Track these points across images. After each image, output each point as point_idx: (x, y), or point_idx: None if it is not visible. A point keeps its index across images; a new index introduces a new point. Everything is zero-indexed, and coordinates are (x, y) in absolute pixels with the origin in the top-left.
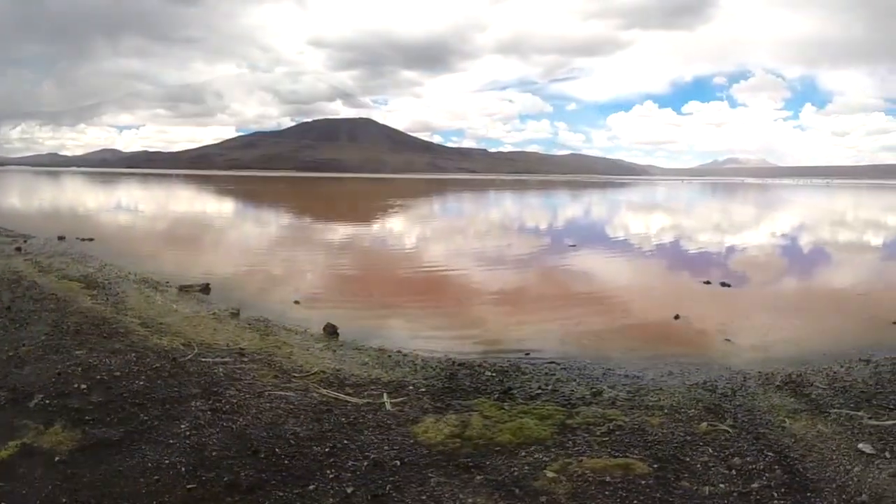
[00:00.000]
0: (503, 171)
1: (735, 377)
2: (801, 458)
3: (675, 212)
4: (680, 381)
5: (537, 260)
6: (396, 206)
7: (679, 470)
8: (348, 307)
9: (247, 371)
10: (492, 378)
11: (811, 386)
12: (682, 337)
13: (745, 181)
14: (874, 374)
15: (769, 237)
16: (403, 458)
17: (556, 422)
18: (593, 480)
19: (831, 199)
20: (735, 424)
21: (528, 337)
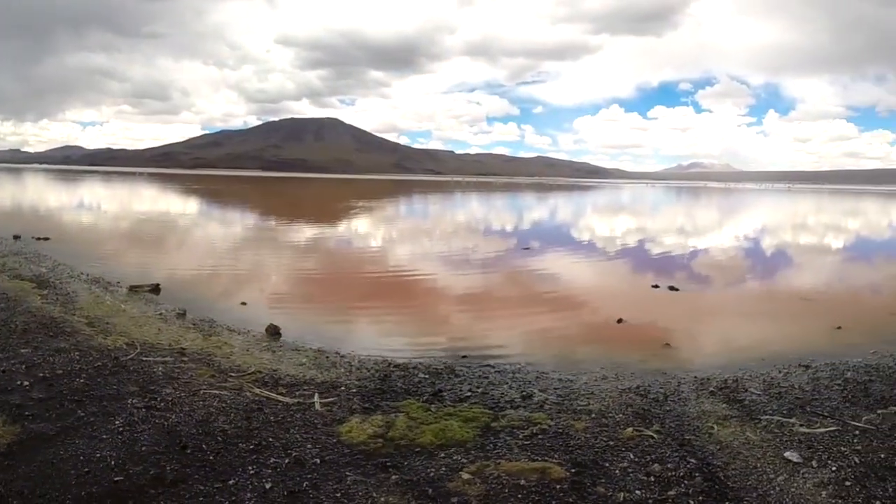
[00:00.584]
0: (470, 173)
1: (670, 382)
2: (725, 466)
3: (635, 215)
4: (613, 386)
5: (490, 263)
6: (357, 209)
7: (597, 475)
8: (296, 309)
9: (185, 370)
10: (424, 380)
11: (746, 392)
12: (623, 341)
13: (707, 185)
14: (812, 379)
15: (724, 241)
16: (324, 457)
17: (481, 424)
18: (508, 483)
19: (789, 204)
20: (661, 430)
21: (467, 340)
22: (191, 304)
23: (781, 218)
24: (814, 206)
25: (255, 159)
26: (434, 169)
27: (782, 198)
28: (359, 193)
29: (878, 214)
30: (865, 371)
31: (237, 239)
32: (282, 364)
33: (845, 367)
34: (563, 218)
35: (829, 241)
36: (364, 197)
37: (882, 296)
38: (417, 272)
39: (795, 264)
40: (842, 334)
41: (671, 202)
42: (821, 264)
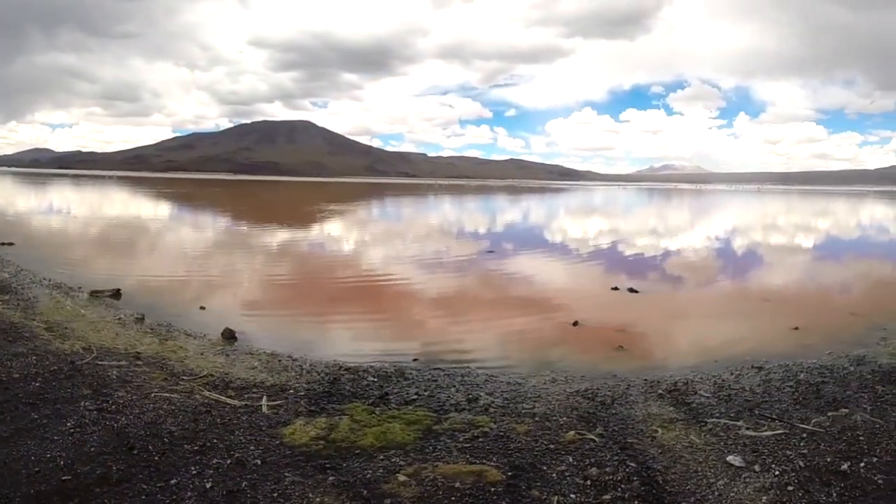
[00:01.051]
0: (442, 176)
1: (619, 385)
2: (664, 471)
3: (602, 217)
4: (562, 389)
5: (452, 266)
6: (324, 213)
7: (533, 479)
8: (255, 313)
9: (139, 374)
10: (372, 383)
11: (695, 394)
12: (577, 343)
13: (678, 187)
14: (764, 381)
15: (689, 243)
16: (266, 458)
17: (423, 427)
18: (443, 486)
19: (757, 205)
20: (604, 434)
21: (421, 343)
22: (150, 309)
23: (748, 219)
24: (781, 207)
25: (227, 162)
26: (407, 172)
27: (751, 199)
28: (328, 197)
29: (844, 214)
30: (819, 372)
31: (203, 243)
32: (234, 367)
33: (799, 368)
34: (530, 220)
35: (794, 241)
36: (332, 200)
37: (843, 295)
38: (379, 276)
39: (759, 265)
40: (799, 335)
41: (640, 204)
42: (785, 264)
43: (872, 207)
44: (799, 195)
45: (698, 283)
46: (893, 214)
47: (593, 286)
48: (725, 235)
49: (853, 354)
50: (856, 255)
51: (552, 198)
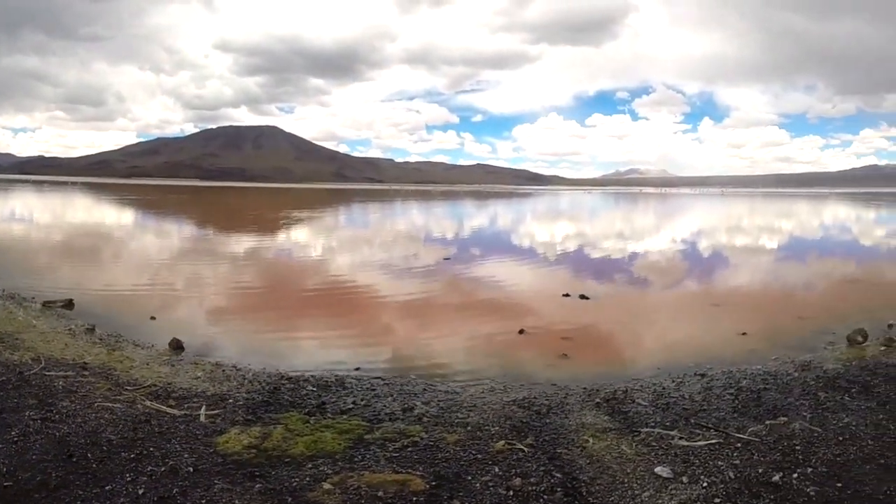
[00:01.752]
0: (410, 181)
1: (557, 394)
2: (590, 482)
3: (563, 222)
4: (499, 398)
5: (406, 274)
6: (287, 220)
7: (456, 489)
8: (204, 323)
9: (84, 384)
10: (311, 392)
11: (633, 403)
12: (520, 352)
13: (642, 191)
14: (705, 389)
15: (646, 247)
16: (198, 466)
17: (354, 436)
18: (366, 495)
19: (719, 208)
20: (534, 444)
21: (365, 352)
22: (102, 319)
23: (707, 222)
24: (741, 210)
25: (193, 168)
26: (374, 177)
27: (713, 202)
28: (292, 204)
29: (802, 217)
30: (762, 379)
31: (161, 252)
32: (178, 377)
33: (742, 375)
34: (491, 227)
35: (750, 244)
36: (296, 208)
37: (794, 298)
38: (332, 286)
39: (713, 268)
40: (746, 340)
41: (602, 208)
42: (739, 268)
43: (831, 209)
44: (761, 197)
45: (651, 289)
46: (852, 216)
47: (545, 293)
48: (682, 240)
49: (799, 360)
50: (810, 258)
51: (516, 203)
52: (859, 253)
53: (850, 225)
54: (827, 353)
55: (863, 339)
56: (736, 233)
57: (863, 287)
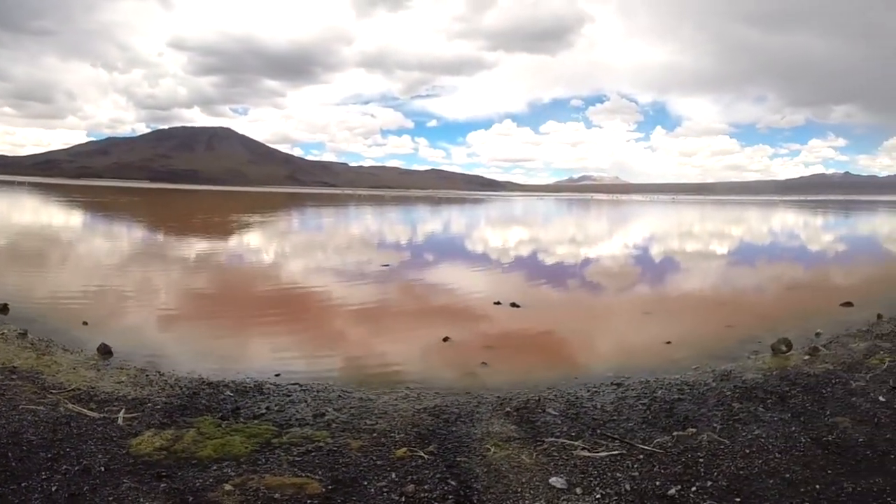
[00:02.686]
0: (364, 186)
1: (470, 402)
2: (483, 490)
3: (508, 229)
4: (411, 406)
5: (342, 281)
6: (233, 225)
7: (350, 493)
8: (136, 328)
9: (11, 387)
10: (229, 398)
11: (543, 412)
12: (441, 360)
13: (593, 197)
14: (619, 399)
15: (585, 254)
16: (110, 466)
17: (262, 440)
18: (263, 496)
19: (667, 214)
20: (436, 451)
21: (288, 358)
22: (35, 324)
23: (653, 229)
24: (689, 217)
25: (144, 169)
26: (328, 181)
27: (662, 209)
28: (241, 208)
29: (747, 224)
30: (679, 389)
31: (102, 257)
32: (102, 382)
33: (659, 384)
34: (436, 233)
35: (692, 251)
36: (245, 211)
37: (725, 307)
38: (266, 293)
39: (651, 276)
40: (670, 349)
41: (550, 215)
42: (676, 275)
43: (776, 216)
44: (712, 204)
45: (585, 297)
46: (795, 223)
47: (477, 301)
48: (625, 247)
49: (720, 369)
50: (749, 265)
51: (467, 209)
52: (798, 260)
53: (793, 232)
54: (749, 363)
55: (787, 349)
56: (679, 240)
57: (797, 295)
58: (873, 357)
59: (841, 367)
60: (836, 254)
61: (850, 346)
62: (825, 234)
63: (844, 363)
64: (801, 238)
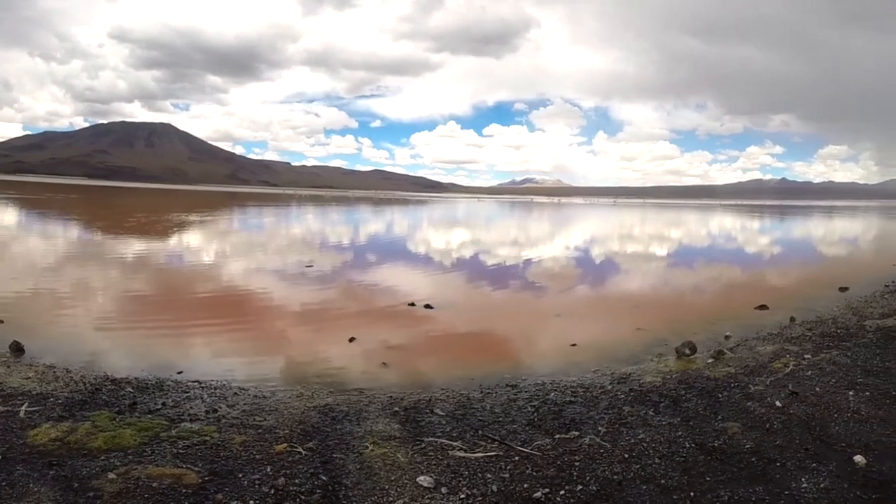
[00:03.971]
0: (306, 186)
1: (361, 401)
2: (352, 486)
3: (442, 230)
4: (303, 404)
5: (260, 280)
6: (163, 224)
7: (223, 484)
8: (51, 326)
9: None
10: (129, 394)
11: (431, 413)
12: (344, 359)
13: (533, 200)
14: (510, 400)
15: (510, 256)
16: (7, 454)
17: (152, 434)
18: (143, 485)
19: (603, 217)
20: (315, 448)
21: (195, 356)
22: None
23: (584, 232)
24: (624, 220)
25: (81, 165)
26: (270, 181)
27: (600, 211)
28: (177, 206)
29: (679, 227)
30: (573, 392)
31: (25, 255)
32: (10, 378)
33: (554, 387)
34: (368, 233)
35: (618, 253)
36: (179, 210)
37: (639, 309)
38: (186, 291)
39: (571, 278)
40: (574, 351)
41: (487, 217)
42: (596, 277)
43: (710, 220)
44: (649, 208)
45: (501, 299)
46: (728, 226)
47: (392, 302)
48: (550, 249)
49: (619, 372)
50: (672, 267)
51: (406, 210)
52: (720, 263)
53: (721, 235)
54: (651, 366)
55: (690, 352)
56: (607, 243)
57: (714, 297)
58: (778, 361)
59: (743, 370)
60: (759, 257)
61: (757, 349)
62: (752, 237)
63: (747, 367)
64: (727, 241)
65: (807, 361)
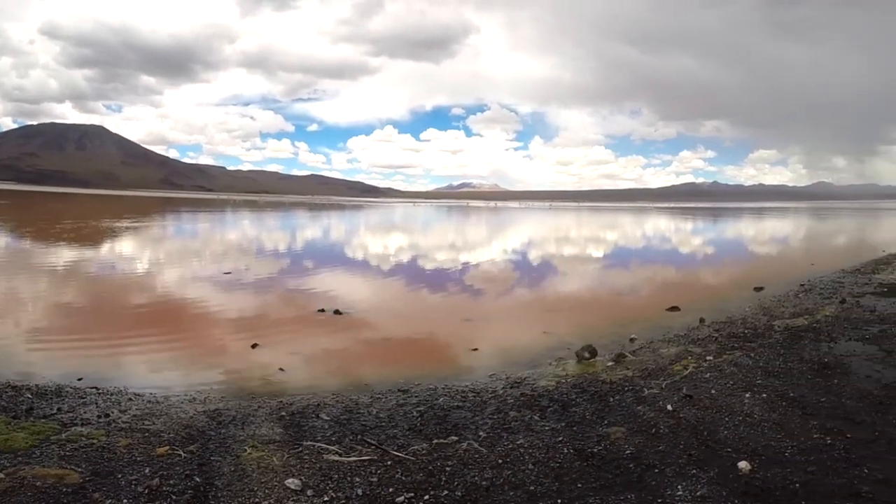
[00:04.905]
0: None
1: (251, 406)
2: (223, 487)
3: (369, 236)
4: (193, 408)
5: (175, 287)
6: (85, 231)
7: (102, 484)
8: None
9: None
10: (27, 399)
11: (317, 418)
12: (244, 365)
13: (469, 204)
14: (398, 405)
15: (431, 261)
16: None
17: (43, 437)
18: (28, 484)
19: (533, 221)
20: (195, 450)
21: (98, 362)
22: None
23: (512, 236)
24: (554, 223)
25: (9, 169)
26: (205, 185)
27: (534, 215)
28: (105, 213)
29: (607, 230)
30: (463, 396)
31: None
32: None
33: (445, 392)
34: (292, 239)
35: (540, 257)
36: (105, 217)
37: (548, 313)
38: (96, 298)
39: (487, 283)
40: (475, 356)
41: (420, 221)
42: (512, 282)
43: (641, 222)
44: (585, 211)
45: (413, 303)
46: (657, 228)
47: (303, 308)
48: (472, 253)
49: (514, 376)
50: (588, 271)
51: (339, 215)
52: (639, 265)
53: (649, 237)
54: (549, 370)
55: (590, 356)
56: (534, 246)
57: (628, 300)
58: (678, 363)
59: (641, 374)
60: (680, 259)
61: (661, 351)
62: (678, 239)
63: (646, 370)
64: (652, 244)
65: (708, 363)
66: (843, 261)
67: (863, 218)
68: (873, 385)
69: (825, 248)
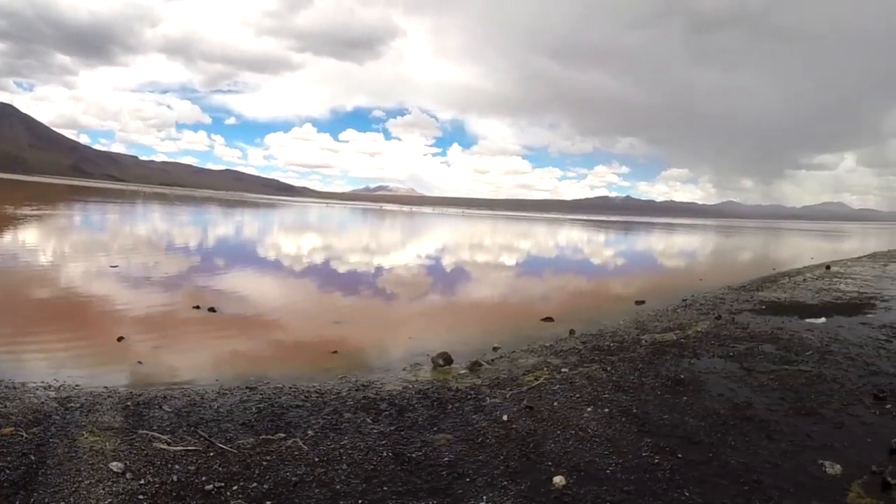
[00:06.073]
0: (154, 182)
1: (102, 394)
2: (53, 466)
3: (271, 235)
4: (47, 394)
5: (57, 280)
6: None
7: None
8: None
9: None
10: None
11: (160, 409)
12: (106, 357)
13: (383, 207)
14: (241, 401)
15: (324, 263)
16: None
17: None
18: None
19: (446, 227)
20: (38, 432)
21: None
22: None
23: (418, 240)
24: (466, 230)
25: None
26: (116, 175)
27: (447, 221)
28: (7, 200)
29: (516, 238)
30: (305, 396)
31: None
32: None
33: (291, 391)
34: (195, 236)
35: (433, 263)
36: (7, 204)
37: (422, 318)
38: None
39: (371, 286)
40: (332, 358)
41: (328, 222)
42: (399, 285)
43: (551, 232)
44: (498, 219)
45: (289, 303)
46: (567, 239)
47: (180, 304)
48: (371, 257)
49: (364, 380)
50: (475, 278)
51: (248, 213)
52: (534, 275)
53: (552, 248)
54: (401, 375)
55: (444, 363)
56: (433, 252)
57: (506, 309)
58: (531, 374)
59: (490, 383)
60: (573, 269)
61: (519, 361)
62: (580, 250)
63: (497, 379)
64: (552, 254)
65: (561, 375)
66: (732, 277)
67: (764, 236)
68: (722, 404)
69: (718, 264)
